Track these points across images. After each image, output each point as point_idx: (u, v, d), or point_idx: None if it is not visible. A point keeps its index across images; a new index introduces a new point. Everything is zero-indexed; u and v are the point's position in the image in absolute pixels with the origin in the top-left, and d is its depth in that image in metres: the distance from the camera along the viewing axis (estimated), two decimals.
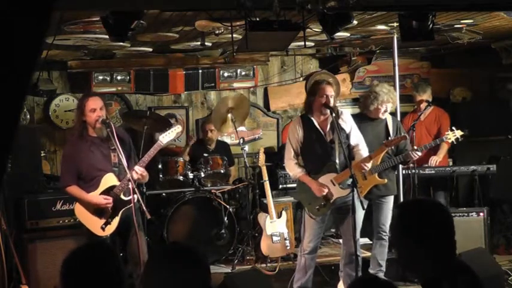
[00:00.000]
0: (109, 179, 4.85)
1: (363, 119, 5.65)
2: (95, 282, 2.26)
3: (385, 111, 5.67)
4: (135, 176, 4.80)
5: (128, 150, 4.97)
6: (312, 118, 5.16)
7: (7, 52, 0.99)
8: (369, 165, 5.20)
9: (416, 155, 5.56)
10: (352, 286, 2.37)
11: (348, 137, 5.17)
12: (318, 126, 5.16)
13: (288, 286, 5.57)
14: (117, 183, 4.83)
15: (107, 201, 4.81)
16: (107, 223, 4.85)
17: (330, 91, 5.10)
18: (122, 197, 4.84)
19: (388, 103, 5.65)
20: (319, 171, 5.16)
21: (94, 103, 4.79)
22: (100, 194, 4.84)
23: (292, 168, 5.23)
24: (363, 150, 5.25)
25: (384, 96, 5.61)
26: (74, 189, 4.87)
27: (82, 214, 4.92)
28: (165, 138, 4.95)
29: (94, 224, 4.86)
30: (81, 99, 5.04)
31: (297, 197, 5.57)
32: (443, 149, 6.76)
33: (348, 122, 5.21)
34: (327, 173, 5.14)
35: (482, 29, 6.22)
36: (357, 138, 5.23)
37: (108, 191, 4.84)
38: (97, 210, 4.86)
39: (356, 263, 5.07)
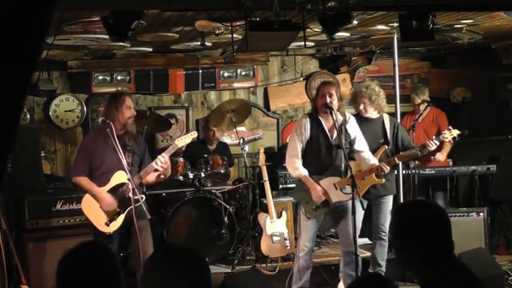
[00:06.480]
0: (120, 176, 4.92)
1: (358, 119, 5.64)
2: (91, 282, 2.25)
3: (365, 108, 5.64)
4: (157, 167, 4.87)
5: (141, 154, 5.09)
6: (320, 118, 5.15)
7: (8, 52, 1.00)
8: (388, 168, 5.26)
9: (434, 144, 5.52)
10: (352, 285, 2.38)
11: (351, 143, 5.18)
12: (325, 127, 5.14)
13: (286, 285, 5.60)
14: (127, 181, 4.89)
15: (112, 201, 4.87)
16: (112, 219, 4.90)
17: (330, 90, 5.08)
18: (130, 195, 4.88)
19: (364, 99, 5.62)
20: (321, 173, 5.13)
21: (130, 102, 4.99)
22: (109, 190, 4.92)
23: (296, 167, 5.10)
24: (368, 156, 5.26)
25: (361, 94, 5.64)
26: (83, 180, 4.95)
27: (89, 208, 4.97)
28: (181, 142, 5.06)
29: (99, 219, 4.91)
30: (114, 98, 5.11)
31: (294, 195, 5.52)
32: (447, 148, 6.76)
33: (354, 128, 5.21)
34: (330, 176, 5.12)
35: (482, 29, 6.22)
36: (362, 145, 5.23)
37: (117, 188, 4.92)
38: None
39: (356, 262, 5.07)
